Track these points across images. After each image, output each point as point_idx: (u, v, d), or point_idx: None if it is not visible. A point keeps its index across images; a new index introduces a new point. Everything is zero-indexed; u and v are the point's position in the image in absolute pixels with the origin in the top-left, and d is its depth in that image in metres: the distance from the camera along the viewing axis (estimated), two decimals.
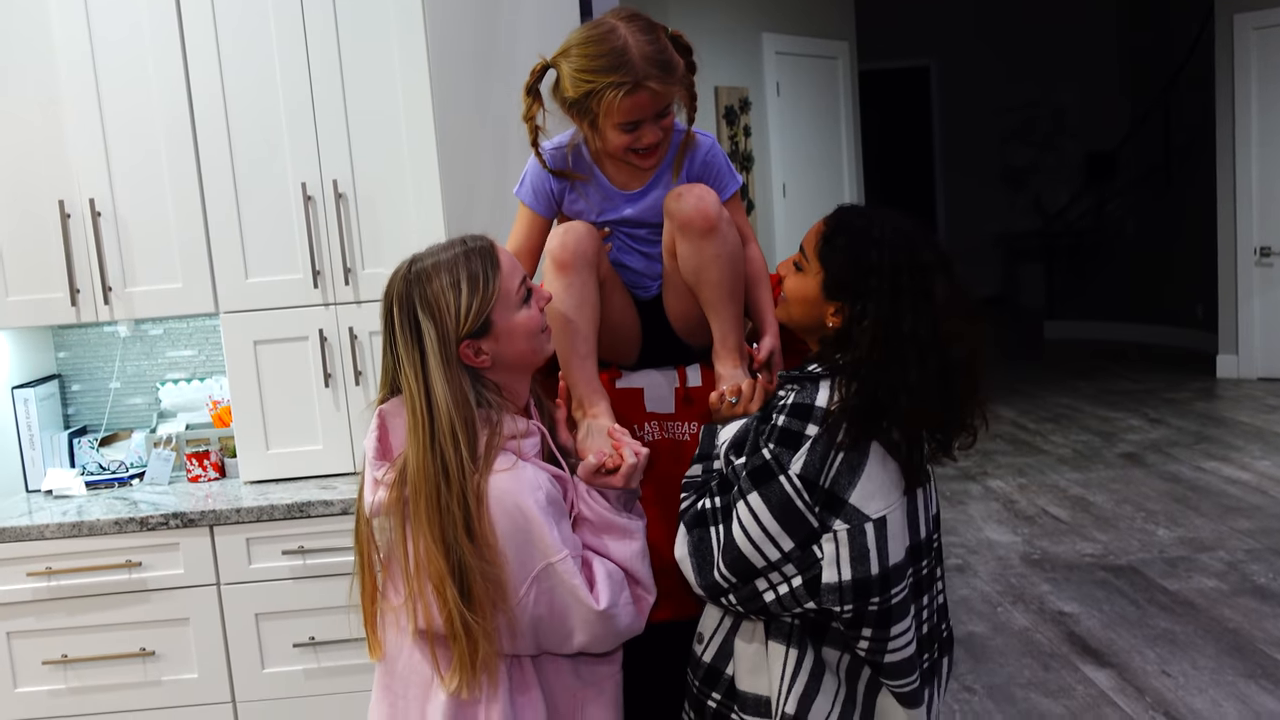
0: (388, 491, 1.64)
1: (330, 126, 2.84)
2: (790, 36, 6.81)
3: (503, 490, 1.60)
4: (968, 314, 1.62)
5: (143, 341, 3.25)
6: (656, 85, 1.73)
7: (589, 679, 1.76)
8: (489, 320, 1.64)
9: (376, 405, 1.73)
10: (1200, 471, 5.70)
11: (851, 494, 1.58)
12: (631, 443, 1.74)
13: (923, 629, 1.71)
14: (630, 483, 1.71)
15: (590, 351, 1.85)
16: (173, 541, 2.74)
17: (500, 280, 1.65)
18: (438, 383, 1.60)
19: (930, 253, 1.63)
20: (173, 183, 2.86)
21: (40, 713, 2.78)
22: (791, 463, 1.59)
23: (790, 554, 1.60)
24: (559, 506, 1.66)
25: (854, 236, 1.65)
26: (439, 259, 1.66)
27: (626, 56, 1.71)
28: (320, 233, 2.87)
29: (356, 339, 2.89)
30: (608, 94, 1.71)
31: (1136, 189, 9.52)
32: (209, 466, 3.04)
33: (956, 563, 4.64)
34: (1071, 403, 7.47)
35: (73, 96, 2.84)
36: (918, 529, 1.67)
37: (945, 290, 1.59)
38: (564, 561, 1.60)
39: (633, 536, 1.72)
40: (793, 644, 1.67)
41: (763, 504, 1.60)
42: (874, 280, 1.60)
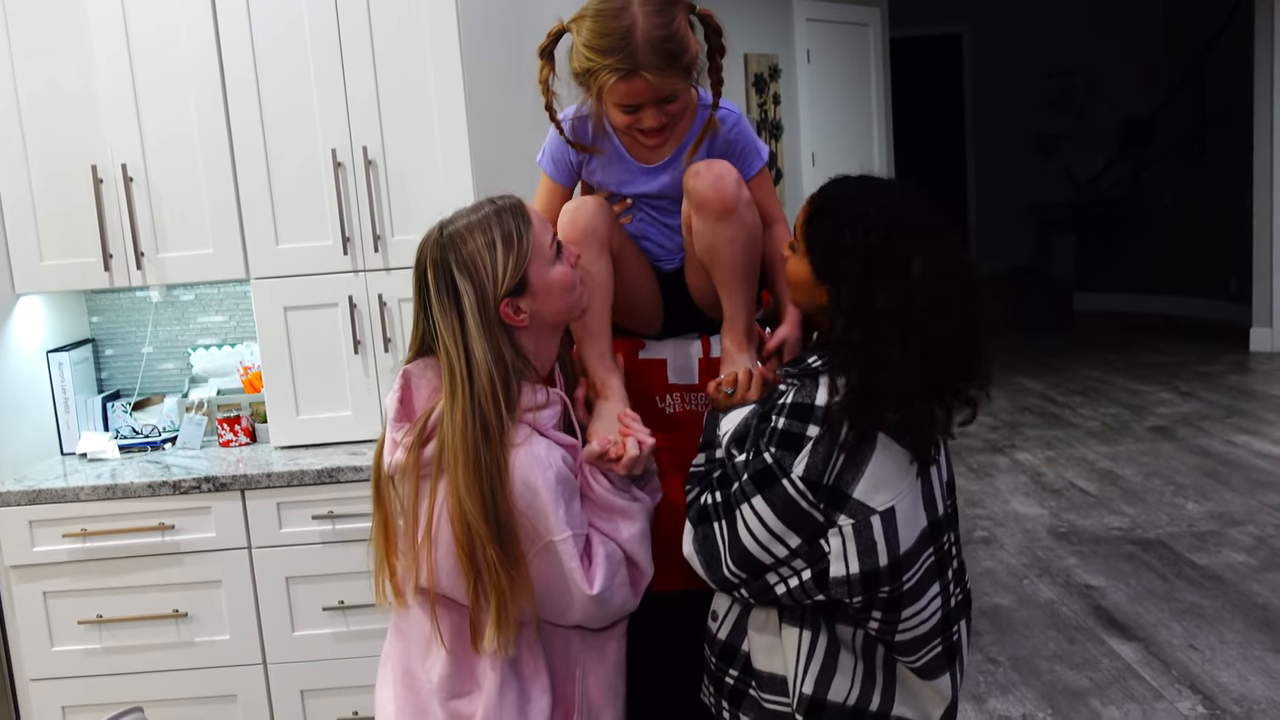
0: (405, 454, 1.65)
1: (360, 93, 2.84)
2: (821, 3, 6.74)
3: (514, 466, 1.61)
4: (958, 287, 1.56)
5: (174, 307, 3.28)
6: (652, 76, 1.66)
7: (591, 643, 1.77)
8: (525, 277, 1.64)
9: (402, 366, 1.74)
10: (1231, 445, 5.65)
11: (856, 488, 1.56)
12: (639, 431, 1.72)
13: (950, 603, 1.69)
14: (633, 471, 1.71)
15: (601, 330, 1.84)
16: (205, 505, 2.78)
17: (533, 236, 1.66)
18: (477, 344, 1.61)
19: (914, 226, 1.57)
20: (204, 149, 2.87)
21: (76, 671, 2.83)
22: (794, 466, 1.58)
23: (798, 549, 1.60)
24: (569, 485, 1.65)
25: (834, 215, 1.61)
26: (470, 220, 1.66)
27: (629, 40, 1.65)
28: (350, 199, 2.87)
29: (386, 306, 2.90)
30: (603, 75, 1.67)
31: (1171, 157, 9.38)
32: (240, 431, 3.07)
33: (983, 535, 4.64)
34: (1101, 375, 7.41)
35: (105, 62, 2.85)
36: (935, 507, 1.65)
37: (924, 264, 1.54)
38: (565, 542, 1.61)
39: (632, 519, 1.71)
40: (806, 625, 1.66)
41: (767, 507, 1.59)
42: (846, 261, 1.56)
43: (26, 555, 2.78)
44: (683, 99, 1.75)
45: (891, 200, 1.60)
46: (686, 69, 1.70)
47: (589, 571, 1.64)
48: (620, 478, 1.71)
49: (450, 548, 1.61)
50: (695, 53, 1.71)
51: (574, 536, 1.62)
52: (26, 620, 2.81)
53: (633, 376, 1.93)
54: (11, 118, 2.86)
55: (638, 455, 1.69)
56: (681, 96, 1.74)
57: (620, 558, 1.69)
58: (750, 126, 1.91)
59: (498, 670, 1.67)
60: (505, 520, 1.58)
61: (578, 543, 1.63)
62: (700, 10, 1.74)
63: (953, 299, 1.55)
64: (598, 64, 1.67)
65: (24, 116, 2.86)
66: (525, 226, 1.65)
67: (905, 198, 1.62)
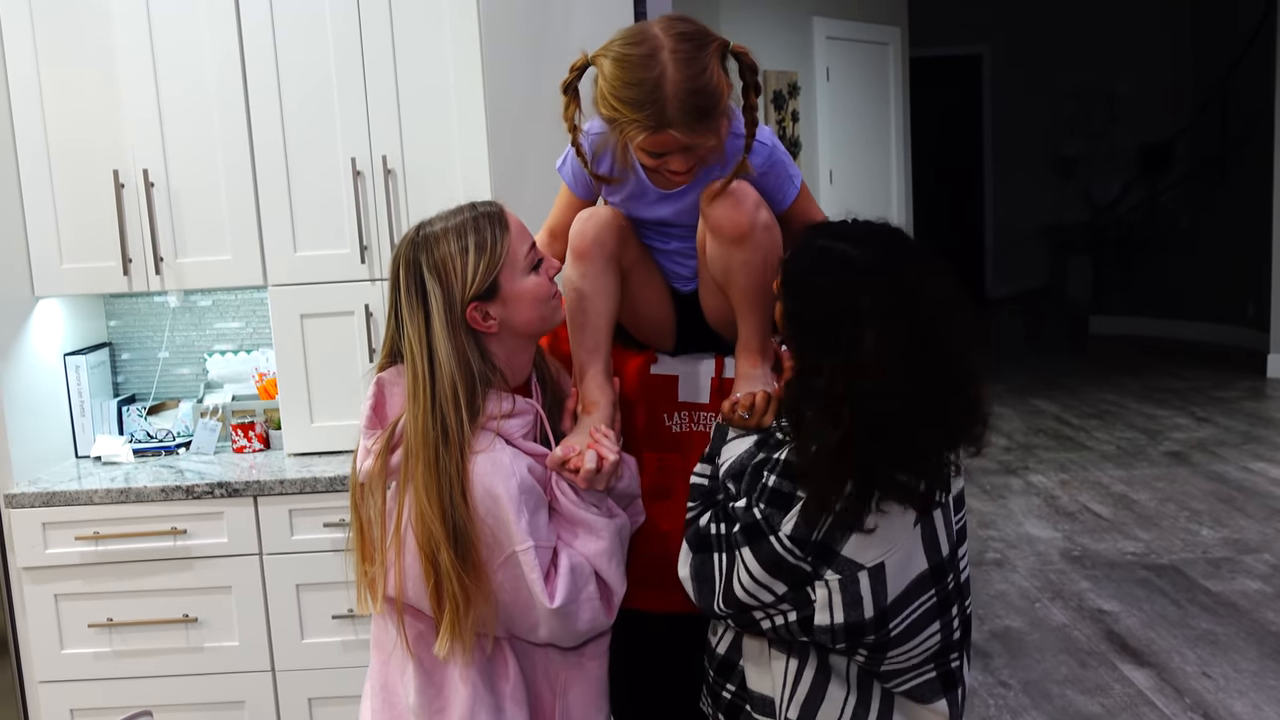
0: (374, 460, 1.65)
1: (381, 102, 2.85)
2: (841, 21, 6.75)
3: (476, 473, 1.60)
4: (924, 354, 1.49)
5: (191, 312, 3.29)
6: (681, 134, 1.59)
7: (572, 660, 1.75)
8: (496, 283, 1.64)
9: (375, 373, 1.74)
10: (1247, 472, 5.61)
11: (844, 546, 1.55)
12: (605, 446, 1.69)
13: (953, 636, 1.67)
14: (592, 485, 1.68)
15: (598, 346, 1.81)
16: (217, 510, 2.78)
17: (509, 243, 1.65)
18: (441, 345, 1.61)
19: (875, 295, 1.49)
20: (225, 155, 2.89)
21: (85, 674, 2.83)
22: (782, 525, 1.57)
23: (784, 596, 1.59)
24: (535, 495, 1.64)
25: (791, 289, 1.57)
26: (447, 224, 1.66)
27: (658, 94, 1.56)
28: (369, 208, 2.88)
29: None
30: (630, 128, 1.60)
31: (1190, 182, 9.35)
32: (254, 438, 3.08)
33: (995, 557, 4.61)
34: (1116, 399, 7.38)
35: (129, 68, 2.87)
36: (938, 548, 1.62)
37: (878, 339, 1.47)
38: (527, 552, 1.59)
39: (595, 534, 1.68)
40: (794, 654, 1.65)
41: (754, 559, 1.58)
42: (800, 336, 1.55)
43: (39, 557, 2.79)
44: (713, 143, 1.68)
45: (854, 264, 1.52)
46: (720, 118, 1.63)
47: (551, 584, 1.62)
48: (589, 492, 1.68)
49: (416, 554, 1.61)
50: (727, 97, 1.63)
51: (536, 548, 1.59)
52: (37, 622, 2.82)
53: (642, 392, 1.91)
54: (35, 122, 2.88)
55: (594, 469, 1.65)
56: (709, 143, 1.66)
57: (588, 572, 1.66)
58: (784, 152, 1.83)
59: (469, 685, 1.65)
60: (463, 526, 1.57)
61: (541, 554, 1.60)
62: (735, 48, 1.65)
63: (915, 364, 1.48)
64: (624, 116, 1.59)
65: (48, 121, 2.89)
66: (501, 233, 1.65)
67: (874, 257, 1.53)
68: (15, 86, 2.87)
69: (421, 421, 1.59)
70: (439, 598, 1.59)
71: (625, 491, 1.75)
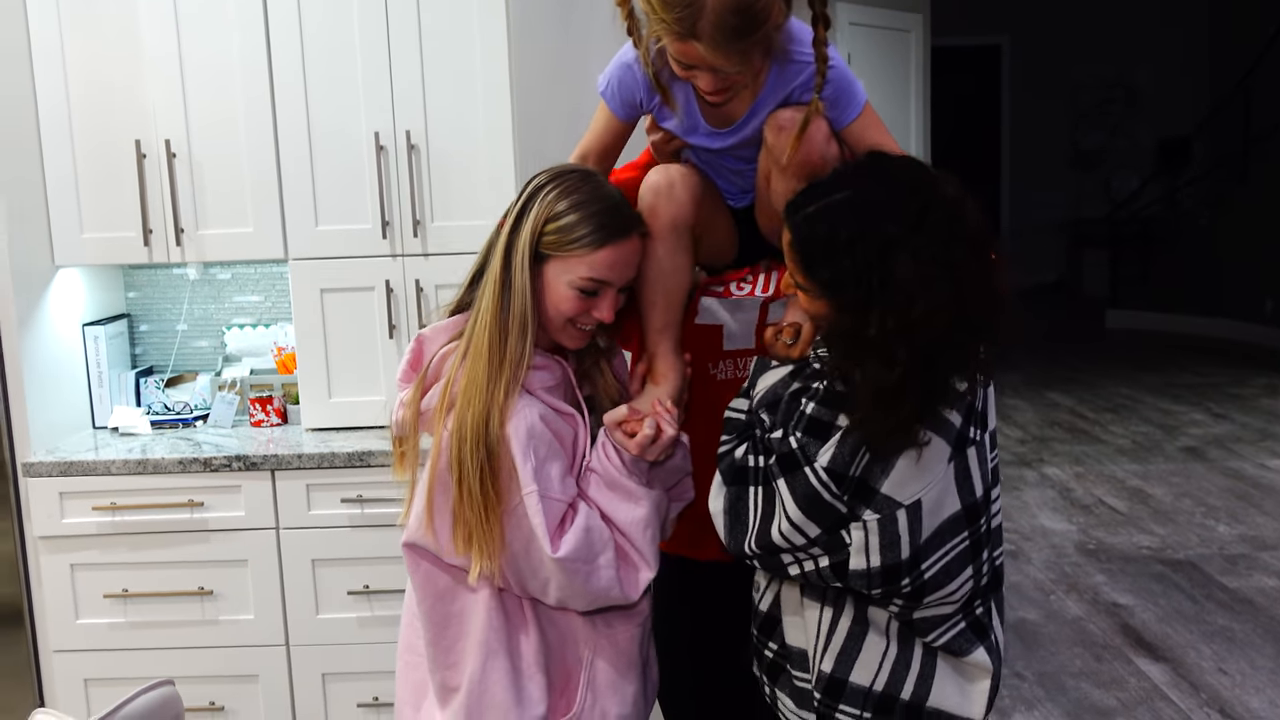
0: (405, 410, 1.67)
1: (406, 77, 2.83)
2: (865, 8, 6.69)
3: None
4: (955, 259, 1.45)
5: (211, 285, 3.28)
6: (707, 51, 1.49)
7: (601, 629, 1.73)
8: (546, 256, 1.65)
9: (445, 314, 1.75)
10: (1264, 469, 5.58)
11: (884, 483, 1.52)
12: (666, 422, 1.67)
13: (981, 581, 1.63)
14: (644, 454, 1.66)
15: (667, 324, 1.78)
16: (234, 484, 2.77)
17: (592, 254, 1.63)
18: (519, 267, 1.64)
19: (889, 224, 1.46)
20: (247, 128, 2.87)
21: (100, 644, 2.83)
22: (819, 455, 1.54)
23: (817, 539, 1.56)
24: (548, 444, 1.63)
25: (822, 257, 1.51)
26: (590, 194, 1.65)
27: (695, 1, 1.46)
28: (391, 184, 2.86)
29: (423, 291, 2.89)
30: (658, 26, 1.51)
31: (1210, 178, 9.29)
32: (272, 412, 3.07)
33: (1010, 549, 4.59)
34: (1132, 393, 7.34)
35: (153, 37, 2.85)
36: (972, 489, 1.58)
37: (909, 266, 1.44)
38: (530, 496, 1.59)
39: (638, 502, 1.67)
40: (828, 602, 1.62)
41: (790, 496, 1.55)
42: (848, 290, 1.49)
43: (55, 527, 2.79)
44: (746, 74, 1.58)
45: (862, 204, 1.49)
46: (754, 46, 1.51)
47: (559, 536, 1.60)
48: (635, 461, 1.67)
49: (446, 479, 1.61)
50: (775, 28, 1.52)
51: (542, 496, 1.59)
52: (53, 592, 2.82)
53: (687, 342, 1.85)
54: (58, 91, 2.87)
55: (650, 436, 1.65)
56: (738, 70, 1.56)
57: (607, 538, 1.64)
58: (847, 71, 1.67)
59: (483, 643, 1.65)
60: (494, 448, 1.58)
61: (547, 505, 1.59)
62: None
63: (952, 268, 1.45)
64: (655, 13, 1.49)
65: (70, 90, 2.87)
66: (601, 241, 1.63)
67: (869, 194, 1.50)
68: (39, 54, 2.85)
69: (490, 330, 1.62)
70: (463, 520, 1.60)
71: (676, 467, 1.74)
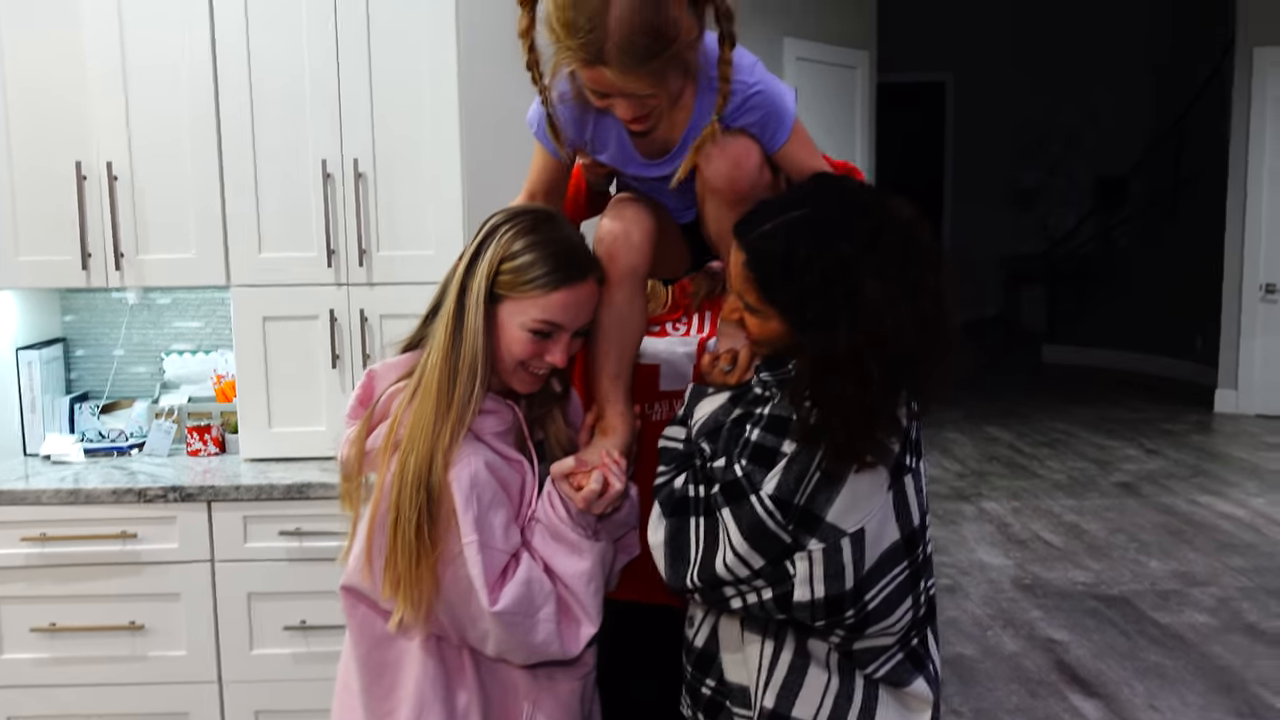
0: (349, 447, 1.65)
1: (355, 105, 2.81)
2: (812, 43, 6.78)
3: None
4: (916, 274, 1.47)
5: (150, 310, 3.21)
6: (615, 75, 1.43)
7: (542, 681, 1.70)
8: (500, 297, 1.62)
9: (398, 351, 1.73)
10: (1195, 505, 5.69)
11: (829, 511, 1.51)
12: (614, 475, 1.64)
13: (920, 611, 1.63)
14: (591, 508, 1.64)
15: (620, 372, 1.74)
16: (169, 515, 2.71)
17: (541, 294, 1.61)
18: (474, 309, 1.61)
19: (850, 241, 1.46)
20: (193, 151, 2.82)
21: (25, 680, 2.74)
22: (764, 482, 1.52)
23: (761, 570, 1.54)
24: (492, 492, 1.61)
25: (780, 272, 1.51)
26: (547, 236, 1.63)
27: (598, 23, 1.40)
28: (337, 211, 2.84)
29: (367, 321, 2.86)
30: (564, 55, 1.45)
31: (1144, 216, 9.52)
32: (209, 441, 3.01)
33: (948, 583, 4.63)
34: (1068, 428, 7.46)
35: (98, 57, 2.80)
36: (910, 516, 1.58)
37: (876, 285, 1.45)
38: (470, 546, 1.57)
39: (582, 555, 1.65)
40: (769, 635, 1.60)
41: (735, 525, 1.54)
42: (812, 309, 1.48)
43: None
44: (662, 95, 1.51)
45: (817, 226, 1.49)
46: (664, 65, 1.45)
47: (498, 588, 1.58)
48: (580, 512, 1.64)
49: (385, 522, 1.58)
50: (683, 44, 1.46)
51: (481, 545, 1.57)
52: None
53: None
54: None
55: (597, 491, 1.62)
56: (660, 92, 1.50)
57: (549, 591, 1.62)
58: (773, 84, 1.61)
59: (418, 691, 1.62)
60: (436, 493, 1.56)
61: (487, 554, 1.57)
62: None
63: (913, 284, 1.47)
64: (559, 41, 1.43)
65: (9, 107, 2.81)
66: (553, 286, 1.61)
67: (825, 212, 1.50)
68: None
69: (440, 370, 1.60)
70: (394, 565, 1.57)
71: (622, 521, 1.72)
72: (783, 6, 6.47)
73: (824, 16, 6.88)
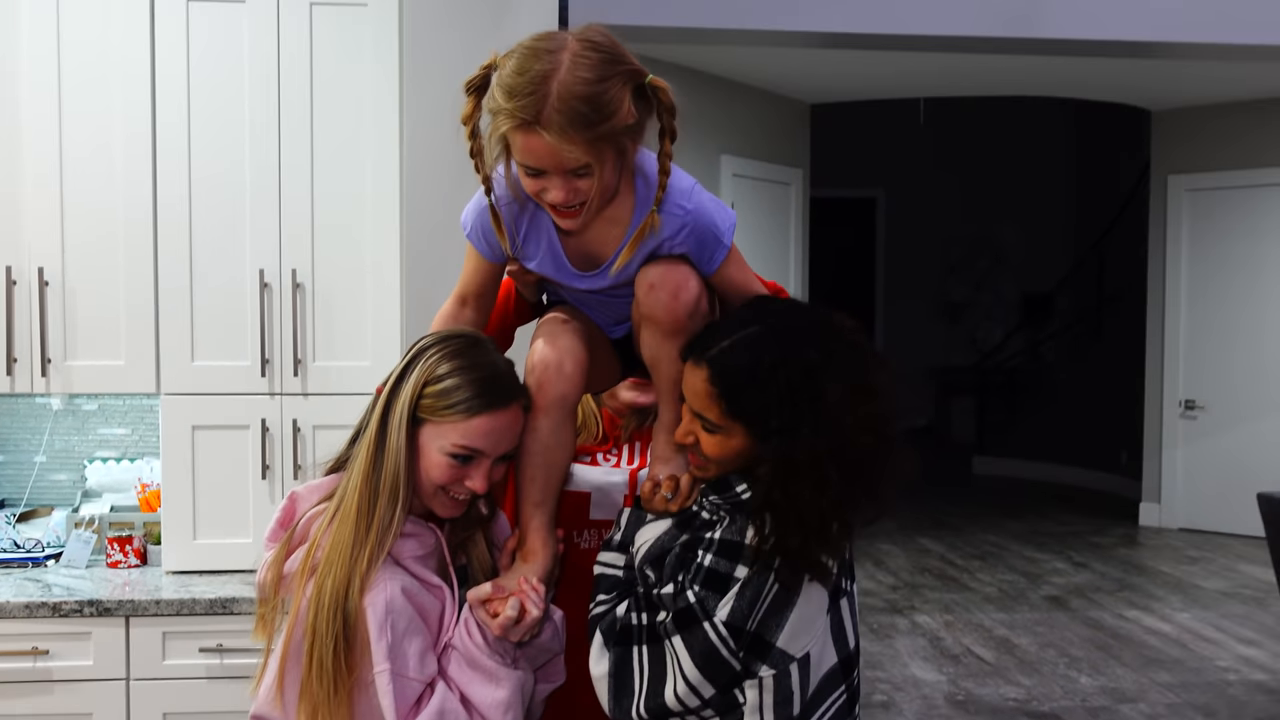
0: (266, 571, 1.62)
1: (295, 215, 2.82)
2: (748, 160, 6.96)
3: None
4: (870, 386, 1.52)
5: (75, 416, 3.15)
6: (551, 135, 1.42)
7: None
8: (423, 420, 1.61)
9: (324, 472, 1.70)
10: (1122, 620, 5.75)
11: (779, 636, 1.51)
12: (532, 601, 1.61)
13: None
14: (508, 635, 1.61)
15: (544, 499, 1.70)
16: (84, 630, 2.62)
17: (462, 419, 1.60)
18: (395, 431, 1.60)
19: (809, 350, 1.51)
20: (127, 258, 2.80)
21: None
22: (718, 609, 1.52)
23: (711, 699, 1.53)
24: (408, 619, 1.58)
25: (747, 383, 1.52)
26: (473, 361, 1.63)
27: (542, 87, 1.42)
28: (274, 321, 2.82)
29: (300, 432, 2.82)
30: (501, 119, 1.46)
31: (1070, 332, 9.79)
32: (130, 552, 2.92)
33: (882, 699, 4.60)
34: (998, 540, 7.54)
35: (35, 151, 2.78)
36: (846, 641, 1.59)
37: (837, 389, 1.49)
38: (382, 675, 1.54)
39: (499, 684, 1.61)
40: None
41: (687, 653, 1.52)
42: (775, 419, 1.50)
43: None
44: (596, 178, 1.48)
45: (784, 332, 1.54)
46: (601, 139, 1.45)
47: (410, 716, 1.54)
48: (498, 639, 1.61)
49: (299, 649, 1.54)
50: (621, 124, 1.46)
51: (393, 674, 1.53)
52: None
53: None
54: None
55: (513, 617, 1.59)
56: (594, 174, 1.48)
57: (463, 718, 1.59)
58: (710, 208, 1.62)
59: None
60: (353, 613, 1.54)
61: (399, 684, 1.54)
62: (654, 81, 1.49)
63: (872, 393, 1.52)
64: (500, 106, 1.45)
65: None
66: (475, 411, 1.60)
67: (782, 323, 1.55)
68: None
69: (360, 492, 1.58)
70: (310, 692, 1.53)
71: (545, 647, 1.69)
72: (720, 125, 6.66)
73: (760, 135, 7.09)
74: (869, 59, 5.93)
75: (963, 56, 5.34)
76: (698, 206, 1.60)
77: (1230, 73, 6.38)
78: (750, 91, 6.94)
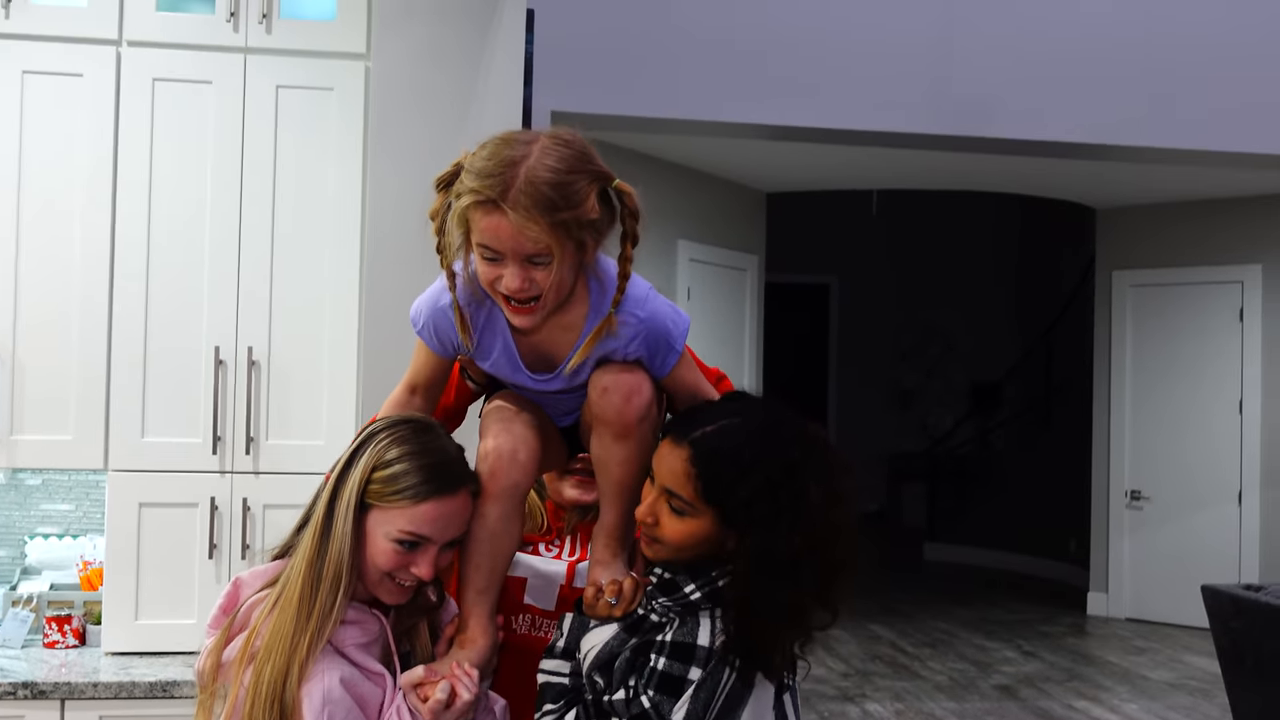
0: (205, 658, 1.60)
1: (253, 294, 2.82)
2: (705, 246, 7.07)
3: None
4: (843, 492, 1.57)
5: (17, 490, 3.09)
6: (515, 215, 1.45)
7: None
8: (370, 505, 1.60)
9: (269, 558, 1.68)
10: (1071, 710, 5.75)
11: None
12: (464, 686, 1.61)
13: None
14: (437, 719, 1.59)
15: (488, 587, 1.70)
16: (17, 714, 2.54)
17: (409, 505, 1.59)
18: (342, 517, 1.59)
19: (791, 449, 1.55)
20: (80, 332, 2.78)
21: None
22: (673, 712, 1.52)
23: None
24: (346, 709, 1.56)
25: (730, 469, 1.54)
26: (424, 446, 1.62)
27: (510, 171, 1.46)
28: (227, 399, 2.80)
29: (250, 510, 2.79)
30: (467, 198, 1.48)
31: (1018, 421, 9.93)
32: (69, 632, 2.85)
33: None
34: (949, 628, 7.54)
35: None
36: None
37: (818, 489, 1.53)
38: None
39: None
40: None
41: None
42: (758, 508, 1.52)
43: None
44: (554, 269, 1.50)
45: (765, 431, 1.57)
46: (562, 226, 1.47)
47: None
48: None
49: None
50: (585, 216, 1.49)
51: None
52: None
53: None
54: None
55: (443, 701, 1.58)
56: (551, 266, 1.49)
57: None
58: (663, 313, 1.63)
59: None
60: (291, 704, 1.52)
61: None
62: (620, 185, 1.53)
63: (847, 495, 1.57)
64: (466, 187, 1.48)
65: None
66: (428, 494, 1.59)
67: (764, 419, 1.59)
68: None
69: (303, 578, 1.57)
70: None
71: None
72: (679, 211, 6.77)
73: (716, 221, 7.21)
74: (824, 151, 6.07)
75: (915, 152, 5.49)
76: (651, 314, 1.62)
77: (1173, 174, 6.60)
78: (708, 179, 7.07)
